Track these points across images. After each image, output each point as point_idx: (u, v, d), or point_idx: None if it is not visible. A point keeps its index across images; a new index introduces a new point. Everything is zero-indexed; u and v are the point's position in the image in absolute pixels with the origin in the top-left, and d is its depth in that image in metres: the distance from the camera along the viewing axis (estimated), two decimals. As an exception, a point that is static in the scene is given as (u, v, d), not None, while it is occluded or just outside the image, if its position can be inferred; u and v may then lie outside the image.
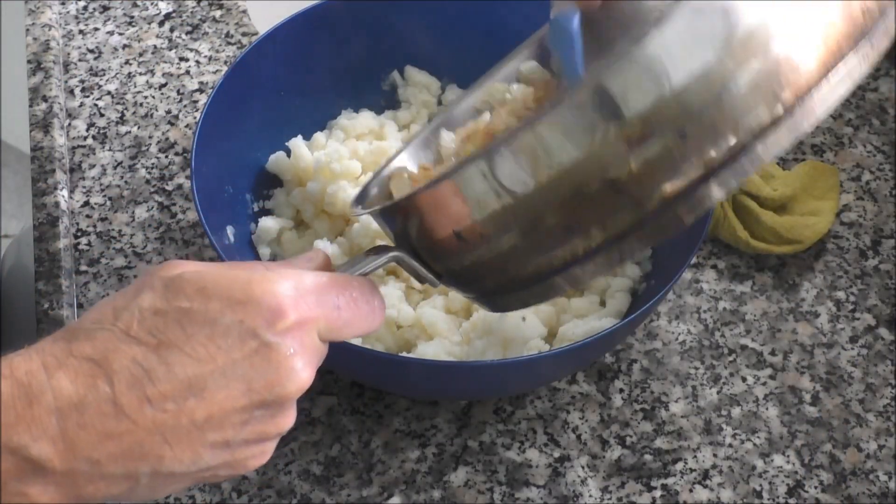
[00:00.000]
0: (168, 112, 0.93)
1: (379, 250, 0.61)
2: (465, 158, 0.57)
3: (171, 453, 0.50)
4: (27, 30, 0.97)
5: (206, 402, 0.50)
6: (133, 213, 0.87)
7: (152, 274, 0.52)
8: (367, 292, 0.56)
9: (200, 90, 0.95)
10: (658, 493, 0.73)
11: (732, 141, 0.51)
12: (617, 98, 0.51)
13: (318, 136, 0.84)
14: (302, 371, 0.52)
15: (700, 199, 0.52)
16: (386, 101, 0.88)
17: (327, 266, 0.59)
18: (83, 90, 0.95)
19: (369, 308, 0.56)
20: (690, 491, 0.73)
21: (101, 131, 0.92)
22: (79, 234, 0.85)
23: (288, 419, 0.53)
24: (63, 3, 1.01)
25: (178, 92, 0.94)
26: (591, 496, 0.73)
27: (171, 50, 0.97)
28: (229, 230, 0.78)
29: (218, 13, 1.00)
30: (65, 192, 0.87)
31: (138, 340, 0.50)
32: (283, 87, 0.83)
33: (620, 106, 0.51)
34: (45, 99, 0.92)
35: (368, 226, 0.77)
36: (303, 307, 0.52)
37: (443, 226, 0.57)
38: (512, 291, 0.59)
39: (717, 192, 0.52)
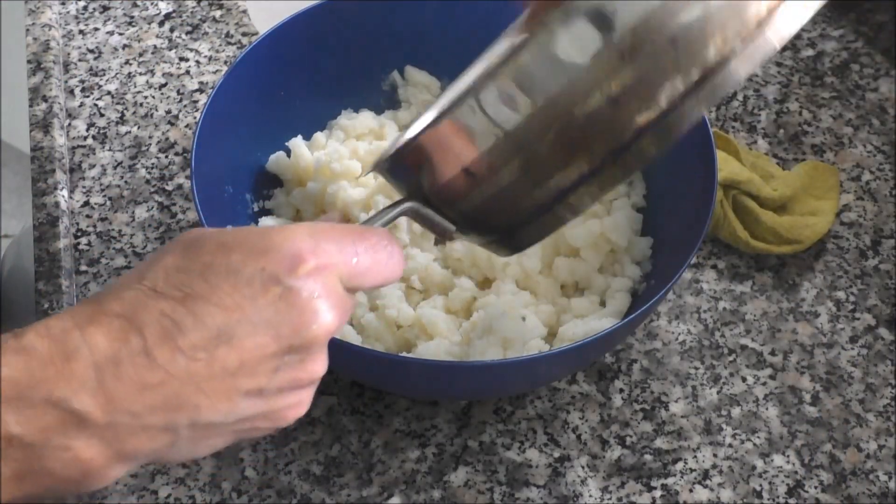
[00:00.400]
0: (168, 112, 0.93)
1: (394, 205, 0.61)
2: (463, 90, 0.58)
3: (207, 402, 0.50)
4: (27, 30, 0.97)
5: (236, 349, 0.51)
6: (133, 213, 0.87)
7: (173, 240, 0.54)
8: (385, 241, 0.57)
9: (200, 90, 0.95)
10: (658, 493, 0.73)
11: (721, 45, 0.54)
12: (608, 11, 0.53)
13: (318, 136, 0.84)
14: (326, 313, 0.52)
15: (698, 103, 0.55)
16: (386, 101, 0.88)
17: (343, 221, 0.60)
18: (83, 90, 0.95)
19: (387, 255, 0.57)
20: (690, 491, 0.73)
21: (101, 131, 0.92)
22: (79, 234, 0.85)
23: (318, 365, 0.54)
24: (63, 3, 1.01)
25: (178, 92, 0.94)
26: (591, 496, 0.73)
27: (171, 50, 0.97)
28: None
29: (218, 13, 1.00)
30: (65, 192, 0.87)
31: (165, 295, 0.51)
32: (282, 87, 0.83)
33: (612, 19, 0.53)
34: (45, 99, 0.92)
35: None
36: (321, 253, 0.53)
37: (451, 165, 0.58)
38: (525, 225, 0.60)
39: (703, 105, 0.55)
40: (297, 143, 0.83)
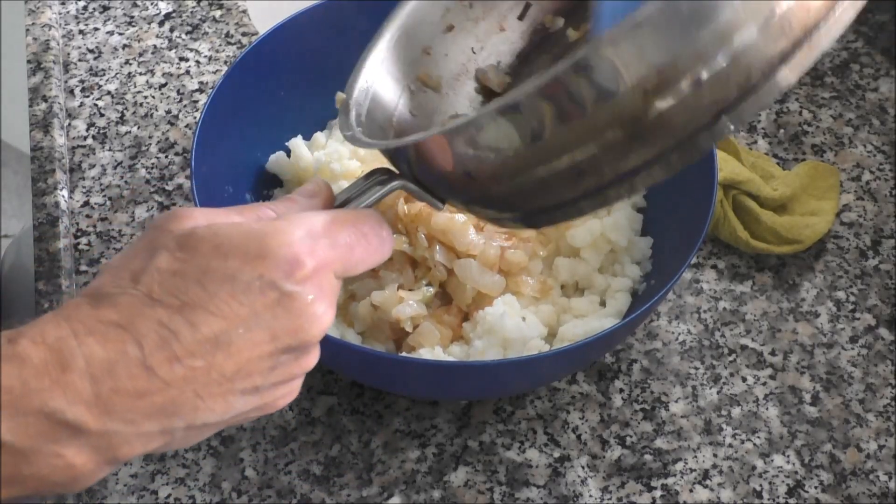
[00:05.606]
0: (168, 112, 0.93)
1: (382, 178, 0.61)
2: (480, 111, 0.56)
3: (204, 405, 0.51)
4: (27, 30, 0.97)
5: (233, 355, 0.51)
6: (133, 213, 0.87)
7: (162, 229, 0.53)
8: (376, 225, 0.57)
9: (200, 90, 0.95)
10: (658, 493, 0.73)
11: (745, 82, 0.52)
12: (634, 53, 0.51)
13: (318, 136, 0.84)
14: (324, 315, 0.53)
15: (714, 133, 0.53)
16: (386, 101, 0.88)
17: (330, 198, 0.60)
18: (83, 90, 0.95)
19: (379, 240, 0.57)
20: (690, 491, 0.73)
21: (101, 131, 0.92)
22: (79, 234, 0.85)
23: (311, 358, 0.54)
24: (63, 3, 1.01)
25: (178, 92, 0.94)
26: (591, 496, 0.73)
27: (171, 50, 0.97)
28: (229, 230, 0.78)
29: (218, 13, 1.00)
30: (65, 192, 0.87)
31: (161, 303, 0.50)
32: (283, 87, 0.83)
33: (639, 58, 0.51)
34: (45, 99, 0.92)
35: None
36: (318, 253, 0.53)
37: (453, 166, 0.57)
38: (533, 213, 0.59)
39: (728, 127, 0.53)
40: (297, 143, 0.83)
